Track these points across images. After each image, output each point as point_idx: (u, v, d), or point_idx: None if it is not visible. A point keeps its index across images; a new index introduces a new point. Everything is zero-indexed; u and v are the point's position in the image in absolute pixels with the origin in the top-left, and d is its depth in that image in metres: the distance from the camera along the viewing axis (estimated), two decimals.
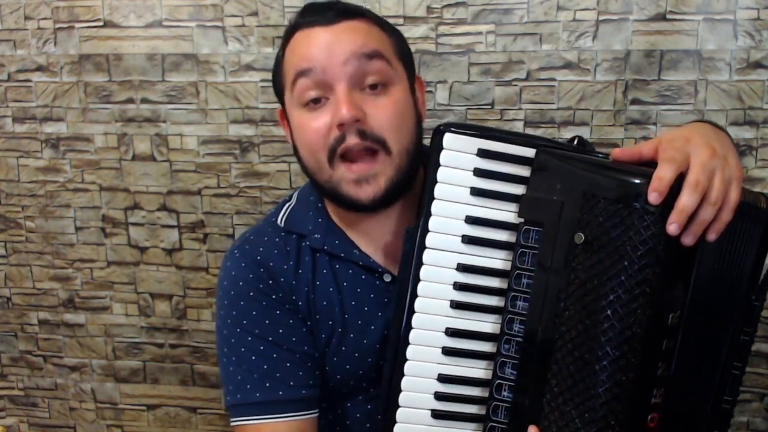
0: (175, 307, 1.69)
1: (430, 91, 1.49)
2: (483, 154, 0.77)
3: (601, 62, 1.44)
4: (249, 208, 1.60)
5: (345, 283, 0.88)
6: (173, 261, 1.66)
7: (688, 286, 0.70)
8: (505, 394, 0.78)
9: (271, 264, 0.88)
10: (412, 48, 1.49)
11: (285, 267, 0.88)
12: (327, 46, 0.79)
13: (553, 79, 1.46)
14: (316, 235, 0.89)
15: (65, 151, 1.65)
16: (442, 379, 0.80)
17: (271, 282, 0.87)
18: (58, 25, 1.58)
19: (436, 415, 0.80)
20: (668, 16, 1.40)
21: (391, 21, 1.45)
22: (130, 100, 1.59)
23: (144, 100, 1.59)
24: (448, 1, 1.45)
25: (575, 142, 0.87)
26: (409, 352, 0.79)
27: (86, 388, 1.78)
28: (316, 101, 0.80)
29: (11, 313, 1.76)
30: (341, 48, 0.78)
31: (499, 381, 0.78)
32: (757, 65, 1.40)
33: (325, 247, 0.88)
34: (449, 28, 1.46)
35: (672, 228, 0.65)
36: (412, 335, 0.79)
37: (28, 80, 1.62)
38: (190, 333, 1.69)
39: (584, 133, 1.47)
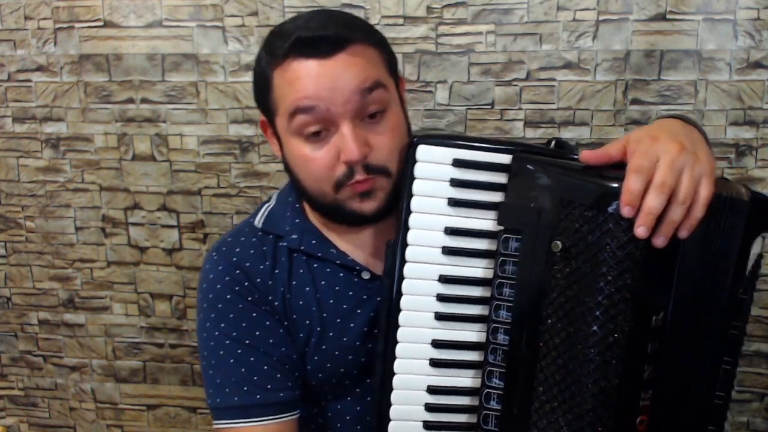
0: (175, 307, 1.69)
1: (430, 91, 1.49)
2: (458, 163, 0.76)
3: (601, 62, 1.44)
4: (249, 208, 1.60)
5: (323, 282, 0.88)
6: (173, 261, 1.66)
7: (671, 286, 0.69)
8: (494, 403, 0.77)
9: (248, 265, 0.87)
10: (412, 48, 1.51)
11: (261, 267, 0.88)
12: (329, 84, 0.77)
13: (553, 79, 1.46)
14: (293, 236, 0.88)
15: (65, 151, 1.65)
16: (432, 390, 0.79)
17: (247, 283, 0.87)
18: (58, 25, 1.58)
19: (428, 426, 0.80)
20: (668, 16, 1.40)
21: (391, 21, 1.47)
22: (130, 100, 1.59)
23: (144, 100, 1.59)
24: (448, 1, 1.45)
25: (552, 144, 0.86)
26: (397, 366, 0.79)
27: (86, 388, 1.78)
28: (315, 133, 0.79)
29: (11, 313, 1.76)
30: (343, 86, 0.77)
31: (487, 390, 0.77)
32: (757, 65, 1.40)
33: (302, 247, 0.88)
34: (449, 28, 1.46)
35: (640, 231, 0.64)
36: (399, 349, 0.79)
37: (28, 80, 1.62)
38: (190, 333, 1.69)
39: (584, 133, 1.47)
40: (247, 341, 0.86)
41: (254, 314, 0.87)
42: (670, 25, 1.40)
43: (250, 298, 0.87)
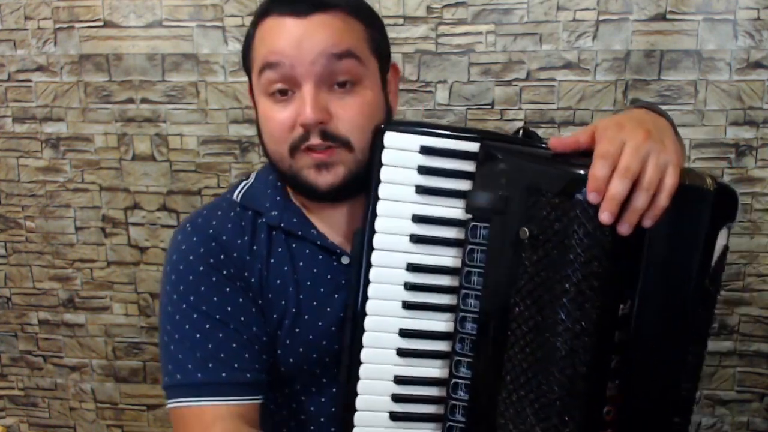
0: None
1: (430, 91, 1.49)
2: (426, 151, 0.75)
3: (601, 62, 1.44)
4: None
5: (301, 263, 0.86)
6: None
7: (637, 275, 0.68)
8: (461, 393, 0.76)
9: (225, 238, 0.84)
10: (412, 48, 1.51)
11: (239, 242, 0.84)
12: (297, 42, 0.76)
13: (553, 79, 1.46)
14: (273, 213, 0.86)
15: (65, 151, 1.65)
16: (399, 380, 0.78)
17: (223, 257, 0.83)
18: (58, 25, 1.58)
19: (395, 417, 0.79)
20: (668, 16, 1.40)
21: (391, 21, 1.47)
22: (130, 100, 1.59)
23: (144, 100, 1.59)
24: (448, 1, 1.45)
25: (520, 133, 0.86)
26: (364, 355, 0.78)
27: (86, 388, 1.78)
28: (282, 92, 0.79)
29: (11, 313, 1.76)
30: (311, 45, 0.76)
31: (455, 380, 0.77)
32: (757, 65, 1.40)
33: (282, 225, 0.85)
34: (449, 28, 1.46)
35: (604, 217, 0.63)
36: (366, 338, 0.77)
37: (28, 80, 1.62)
38: None
39: None
40: (217, 316, 0.82)
41: (227, 289, 0.83)
42: (670, 25, 1.40)
43: (225, 272, 0.83)
